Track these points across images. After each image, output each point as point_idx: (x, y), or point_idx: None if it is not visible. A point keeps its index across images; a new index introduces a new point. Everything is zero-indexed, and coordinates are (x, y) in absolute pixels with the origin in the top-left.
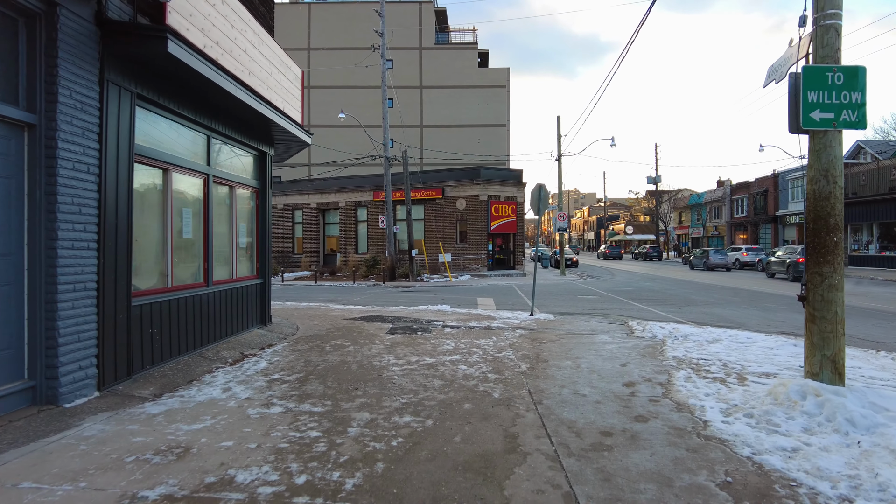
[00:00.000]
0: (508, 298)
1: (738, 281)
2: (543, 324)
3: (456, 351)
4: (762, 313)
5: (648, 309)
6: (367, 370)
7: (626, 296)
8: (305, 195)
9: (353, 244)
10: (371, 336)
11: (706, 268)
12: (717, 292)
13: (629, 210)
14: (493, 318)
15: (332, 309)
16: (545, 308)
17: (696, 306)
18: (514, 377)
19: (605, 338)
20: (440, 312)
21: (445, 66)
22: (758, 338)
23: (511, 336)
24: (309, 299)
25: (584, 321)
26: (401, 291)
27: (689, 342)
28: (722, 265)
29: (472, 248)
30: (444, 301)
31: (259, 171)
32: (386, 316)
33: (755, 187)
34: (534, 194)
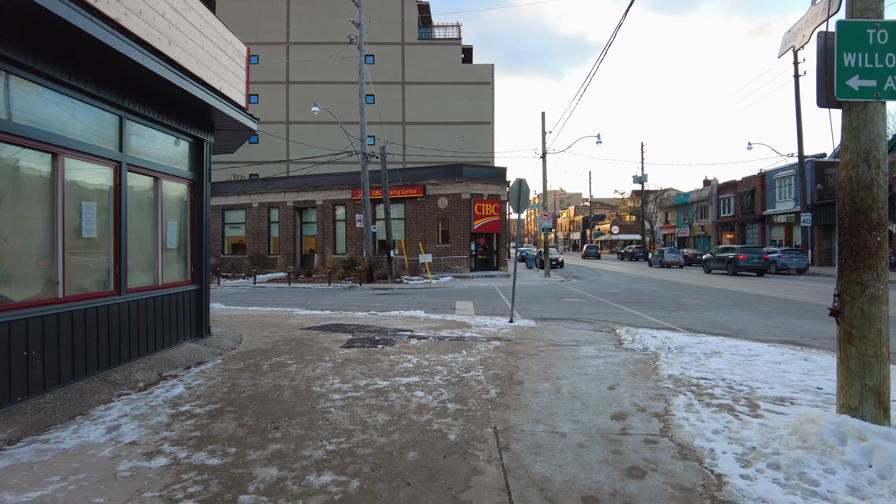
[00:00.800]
0: (489, 302)
1: (726, 282)
2: (523, 332)
3: (416, 370)
4: (758, 318)
5: (637, 314)
6: (300, 399)
7: (613, 299)
8: (281, 193)
9: (332, 244)
10: (322, 351)
11: (661, 265)
12: (708, 295)
13: (615, 210)
14: (469, 326)
15: (293, 316)
16: (527, 313)
17: (687, 310)
18: (479, 407)
19: (590, 350)
20: (411, 319)
21: (428, 62)
22: (760, 349)
23: (485, 349)
24: (275, 304)
25: (568, 328)
26: (376, 294)
27: (686, 355)
28: (676, 263)
29: (454, 249)
30: (420, 305)
31: (195, 161)
32: (349, 324)
33: (742, 186)
34: (513, 190)
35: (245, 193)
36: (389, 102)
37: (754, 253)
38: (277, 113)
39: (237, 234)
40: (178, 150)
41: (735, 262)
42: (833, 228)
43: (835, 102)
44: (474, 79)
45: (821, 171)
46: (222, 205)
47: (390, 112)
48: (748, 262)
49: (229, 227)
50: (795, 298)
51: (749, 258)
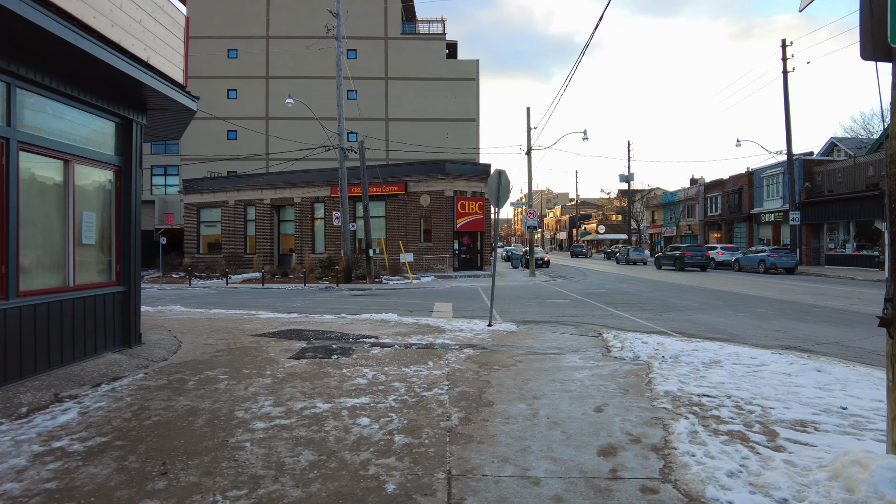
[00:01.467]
0: (470, 303)
1: (716, 282)
2: (501, 338)
3: (369, 388)
4: (754, 321)
5: (625, 316)
6: (214, 428)
7: (600, 299)
8: (258, 190)
9: (310, 243)
10: (266, 363)
11: (627, 263)
12: (699, 295)
13: (601, 210)
14: (442, 331)
15: (253, 319)
16: (509, 315)
17: (677, 312)
18: (434, 441)
19: (574, 360)
20: (381, 323)
21: (412, 58)
22: (764, 357)
23: (455, 359)
24: (241, 306)
25: (551, 333)
26: (352, 296)
27: (682, 365)
28: (640, 260)
29: (436, 248)
30: (396, 308)
31: (122, 145)
32: (310, 330)
33: (729, 185)
34: (492, 182)
35: (221, 191)
36: (372, 98)
37: (697, 251)
38: (257, 109)
39: (213, 233)
40: (99, 130)
41: (681, 258)
42: (821, 227)
43: (884, 52)
44: (459, 75)
45: (809, 169)
46: (197, 202)
47: (373, 108)
48: (692, 259)
49: (205, 225)
50: (789, 299)
51: (693, 256)
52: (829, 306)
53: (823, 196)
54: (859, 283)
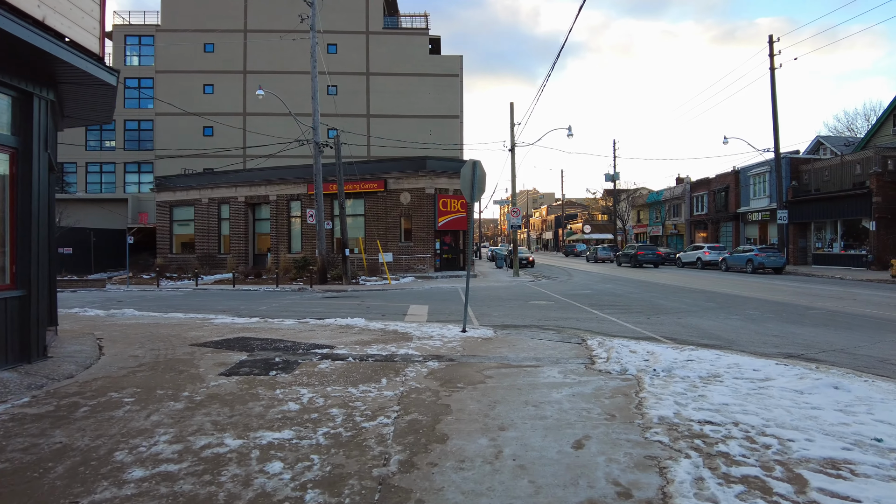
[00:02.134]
0: (447, 306)
1: (704, 282)
2: (474, 347)
3: (298, 418)
4: (749, 324)
5: (611, 319)
6: (70, 481)
7: (585, 301)
8: (233, 188)
9: (286, 243)
10: (189, 381)
11: (595, 261)
12: (688, 296)
13: (587, 209)
14: (409, 339)
15: (204, 325)
16: (487, 319)
17: (667, 315)
18: (357, 501)
19: (553, 375)
20: (343, 330)
21: (394, 52)
22: (768, 369)
23: (415, 375)
24: (201, 310)
25: (530, 340)
26: (324, 298)
27: (677, 381)
28: (607, 259)
29: (417, 247)
30: (367, 311)
31: (19, 123)
32: (260, 338)
33: (716, 184)
34: (465, 175)
35: (194, 188)
36: (353, 94)
37: (650, 250)
38: (234, 104)
39: (186, 233)
40: None
41: (636, 256)
42: (808, 226)
43: None
44: (442, 70)
45: (795, 167)
46: (170, 200)
47: (354, 104)
48: (644, 257)
49: (178, 224)
50: (782, 300)
51: (645, 254)
52: (824, 308)
53: (810, 195)
54: (849, 283)
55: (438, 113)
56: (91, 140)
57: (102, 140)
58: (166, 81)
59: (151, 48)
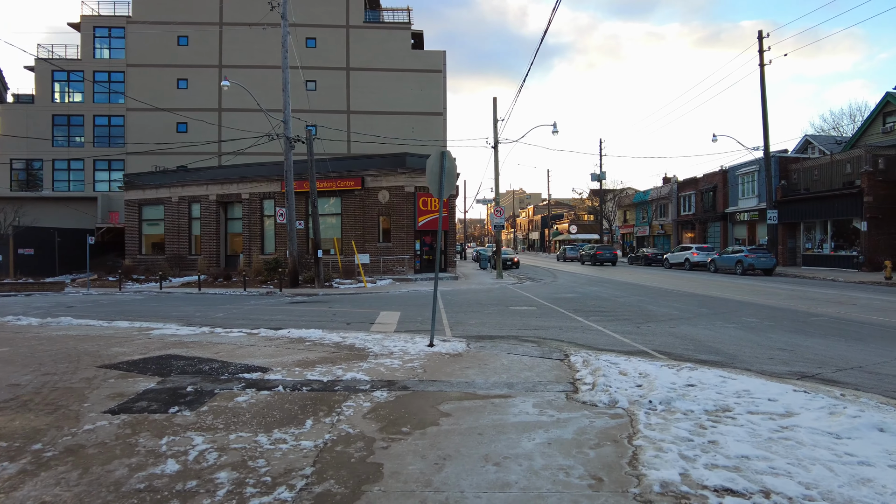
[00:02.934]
0: (422, 312)
1: (693, 284)
2: (438, 367)
3: (166, 489)
4: (749, 334)
5: (597, 328)
6: None
7: (569, 306)
8: (203, 186)
9: (259, 243)
10: (55, 424)
11: (563, 260)
12: (678, 300)
13: (574, 210)
14: (364, 357)
15: (137, 338)
16: (462, 328)
17: (658, 323)
18: None
19: (526, 410)
20: (293, 344)
21: (375, 47)
22: (787, 398)
23: (351, 414)
24: (150, 317)
25: (506, 356)
26: (291, 303)
27: (678, 418)
28: (575, 258)
29: (396, 248)
30: (333, 319)
31: None
32: (186, 357)
33: (703, 183)
34: (431, 166)
35: (164, 186)
36: (333, 89)
37: (607, 250)
38: (209, 100)
39: (156, 233)
40: None
41: (595, 255)
42: (798, 226)
43: None
44: (425, 66)
45: (784, 166)
46: (139, 199)
47: (334, 100)
48: (603, 255)
49: (147, 224)
50: (779, 305)
51: (604, 254)
52: (826, 314)
53: (800, 194)
54: (843, 286)
55: (421, 110)
56: (58, 136)
57: (70, 136)
58: (138, 75)
59: (122, 41)
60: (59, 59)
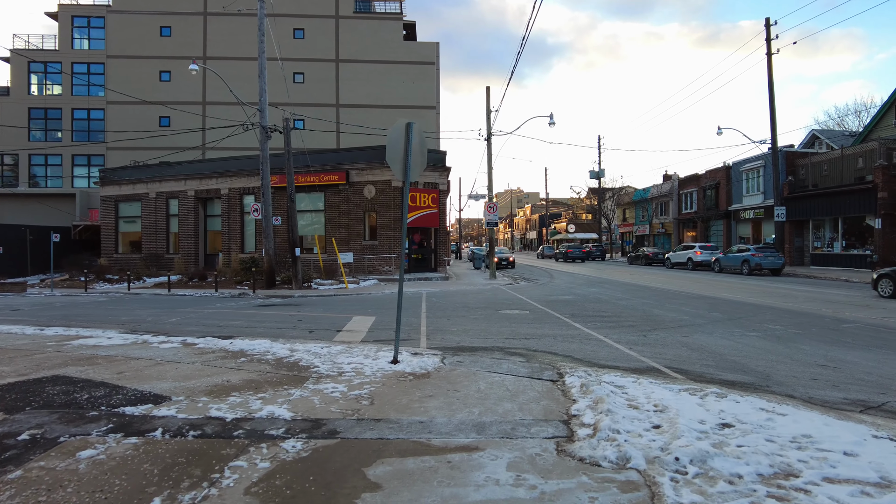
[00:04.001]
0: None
1: (700, 285)
2: (394, 394)
3: None
4: (776, 345)
5: (597, 337)
6: None
7: (566, 310)
8: (182, 181)
9: (239, 241)
10: None
11: (542, 257)
12: (686, 303)
13: (571, 209)
14: (304, 379)
15: (43, 351)
16: (440, 336)
17: (666, 330)
18: None
19: (496, 476)
20: (227, 358)
21: (366, 38)
22: (874, 454)
23: (232, 485)
24: (93, 322)
25: (485, 376)
26: (259, 306)
27: (723, 491)
28: (551, 256)
29: (383, 246)
30: (299, 324)
31: None
32: (76, 379)
33: (705, 180)
34: (393, 141)
35: (141, 182)
36: (321, 82)
37: (577, 248)
38: (193, 93)
39: (133, 230)
40: None
41: (566, 253)
42: (806, 224)
43: None
44: (417, 58)
45: (791, 162)
46: (115, 195)
47: (322, 93)
48: (573, 254)
49: (124, 221)
50: (799, 309)
51: (574, 251)
52: (857, 320)
53: (807, 191)
54: (860, 287)
55: (413, 103)
56: (35, 129)
57: (48, 129)
58: (119, 67)
59: (102, 31)
60: (35, 51)
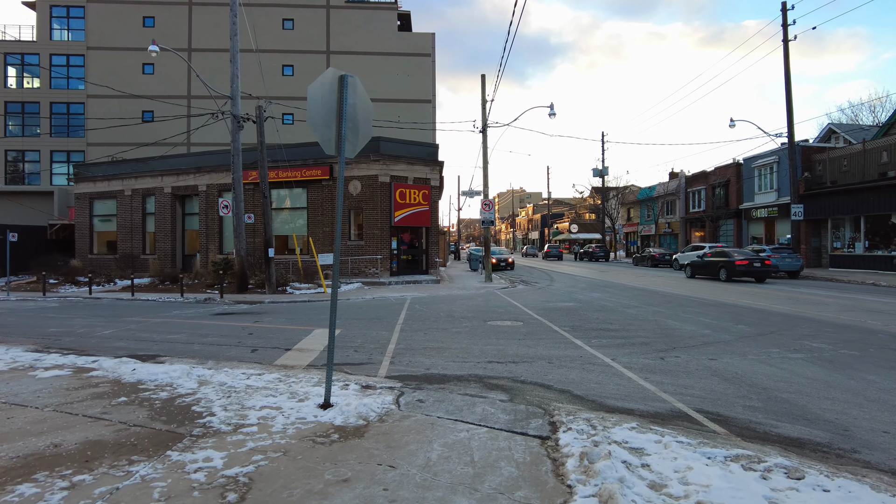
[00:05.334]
0: (370, 331)
1: (715, 291)
2: (292, 474)
3: None
4: (834, 374)
5: (603, 360)
6: None
7: (565, 321)
8: (158, 177)
9: (217, 241)
10: None
11: (524, 256)
12: (703, 312)
13: (574, 209)
14: (183, 434)
15: None
16: (408, 358)
17: (688, 350)
18: None
19: None
20: (106, 395)
21: (358, 29)
22: None
23: None
24: (11, 336)
25: (443, 434)
26: (213, 315)
27: None
28: (532, 255)
29: (369, 246)
30: (248, 338)
31: None
32: None
33: (714, 178)
34: (315, 97)
35: (116, 178)
36: (311, 75)
37: (554, 248)
38: (177, 86)
39: (109, 229)
40: None
41: (546, 253)
42: (823, 223)
43: None
44: (412, 49)
45: (807, 157)
46: (90, 192)
47: None
48: (550, 253)
49: (99, 220)
50: (838, 320)
51: (551, 251)
52: None
53: (825, 187)
54: (889, 291)
55: (408, 97)
56: (12, 124)
57: (25, 124)
58: (100, 59)
59: (82, 21)
60: (12, 41)
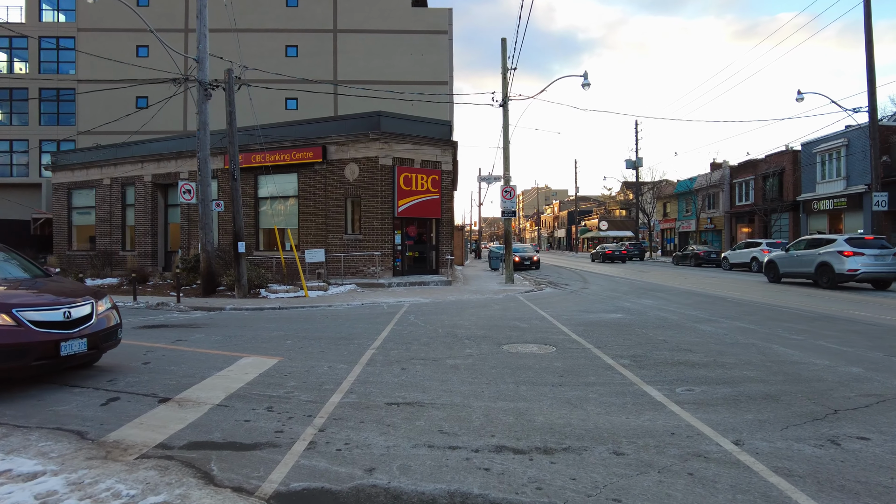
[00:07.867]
0: (321, 361)
1: (796, 298)
2: None
3: None
4: None
5: (719, 445)
6: None
7: (618, 344)
8: (138, 164)
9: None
10: None
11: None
12: (814, 329)
13: (603, 205)
14: None
15: None
16: (352, 428)
17: (862, 415)
18: None
19: None
20: None
21: (369, 5)
22: None
23: None
24: None
25: None
26: (142, 328)
27: None
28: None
29: (368, 241)
30: (121, 377)
31: None
32: None
33: (765, 166)
34: None
35: (95, 166)
36: (318, 56)
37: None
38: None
39: (88, 223)
40: None
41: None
42: None
43: None
44: (427, 27)
45: (884, 138)
46: (67, 182)
47: (319, 68)
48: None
49: (78, 212)
50: None
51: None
52: None
53: None
54: None
55: (422, 78)
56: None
57: (13, 112)
58: (91, 41)
59: (72, 1)
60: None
